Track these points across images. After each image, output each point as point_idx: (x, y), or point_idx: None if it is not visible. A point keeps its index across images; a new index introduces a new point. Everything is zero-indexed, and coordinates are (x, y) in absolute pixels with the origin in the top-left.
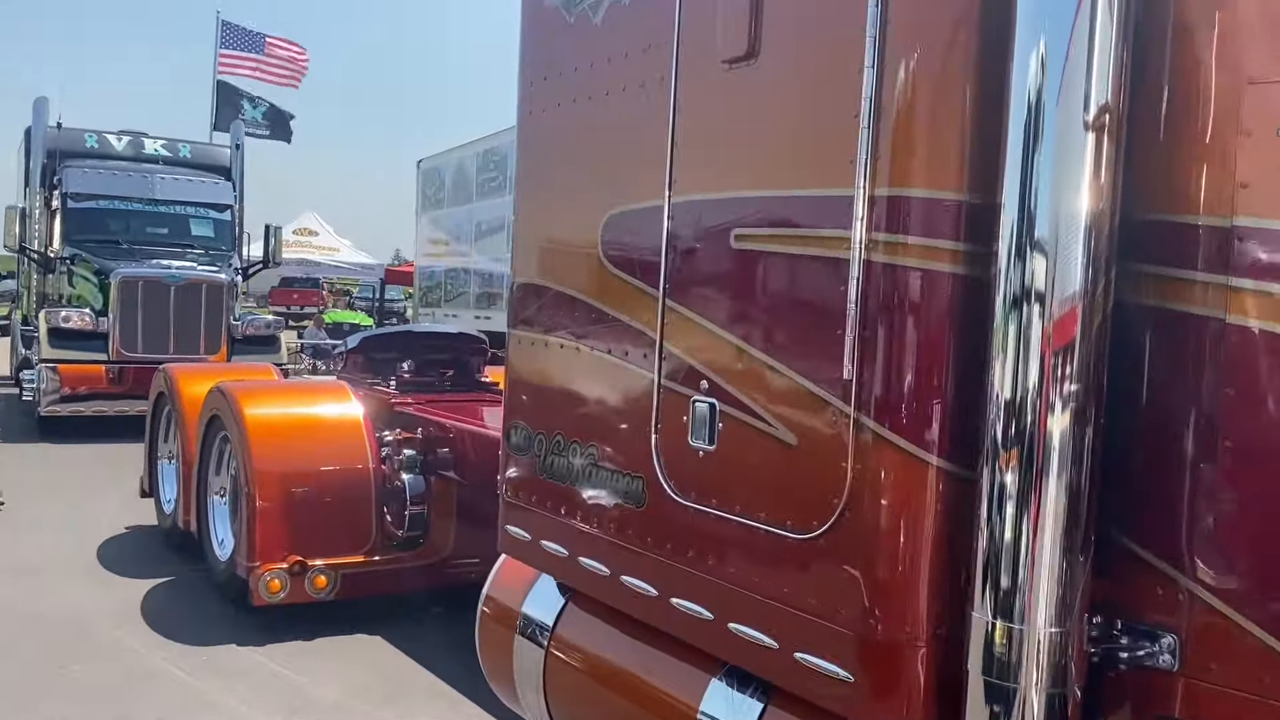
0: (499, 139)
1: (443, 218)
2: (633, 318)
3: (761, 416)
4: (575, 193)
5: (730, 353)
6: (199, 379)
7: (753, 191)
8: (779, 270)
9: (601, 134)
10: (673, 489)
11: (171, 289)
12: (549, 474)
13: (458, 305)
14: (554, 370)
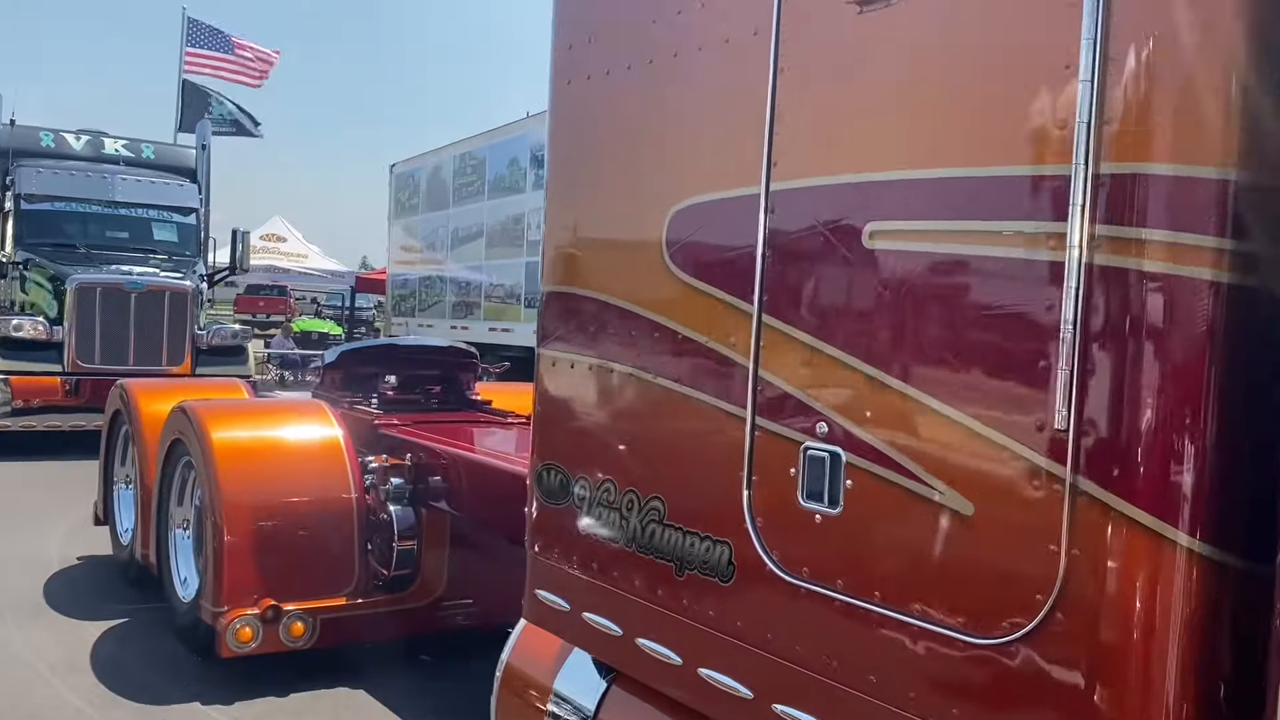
0: (476, 143)
1: (417, 224)
2: (712, 337)
3: (915, 474)
4: (630, 180)
5: (863, 387)
6: (160, 396)
7: (899, 173)
8: (944, 278)
9: (668, 106)
10: (775, 561)
11: (132, 296)
12: (595, 530)
13: (432, 315)
14: (600, 400)
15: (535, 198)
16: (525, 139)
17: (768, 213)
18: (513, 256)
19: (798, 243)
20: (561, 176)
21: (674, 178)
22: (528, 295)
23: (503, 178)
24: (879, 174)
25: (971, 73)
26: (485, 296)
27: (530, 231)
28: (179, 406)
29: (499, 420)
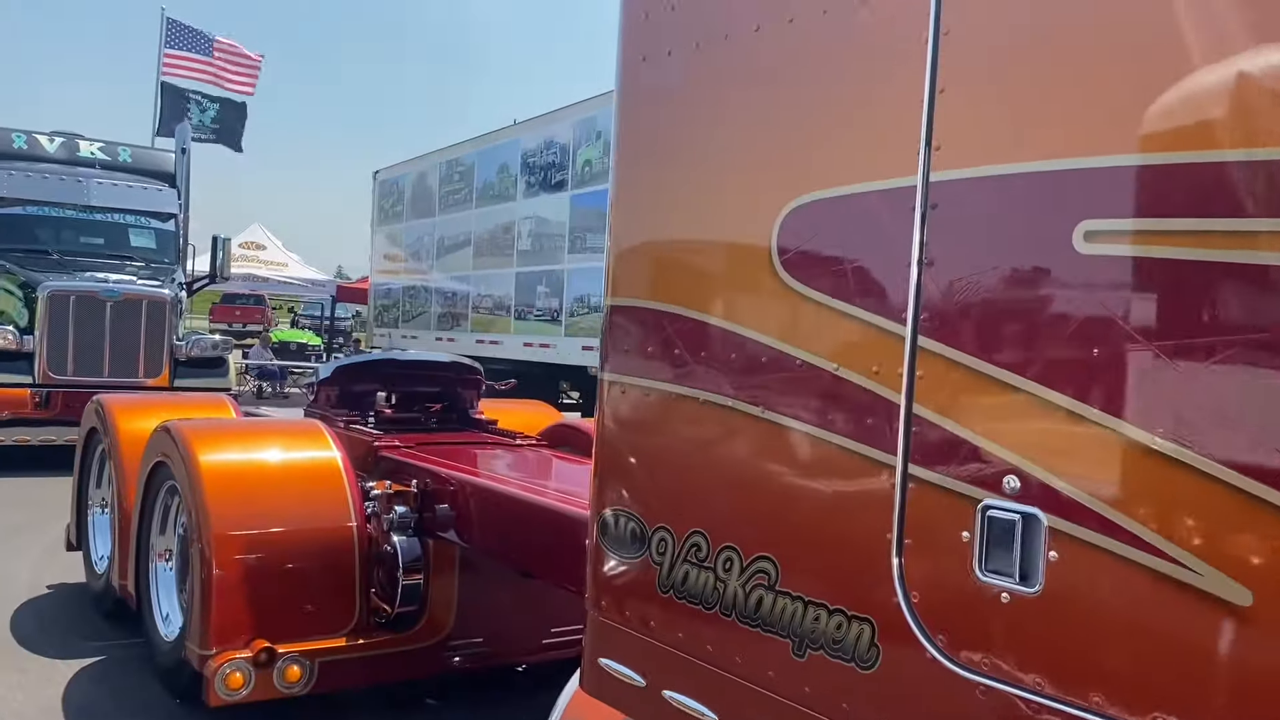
0: (464, 149)
1: (401, 232)
2: (844, 365)
3: (1159, 549)
4: (729, 173)
5: (1078, 432)
6: (141, 414)
7: (1131, 157)
8: (1202, 293)
9: (781, 82)
10: (939, 648)
11: (107, 305)
12: (681, 592)
13: (417, 325)
14: (687, 437)
15: (526, 206)
16: (516, 145)
17: (926, 209)
18: (502, 266)
19: (971, 247)
20: (635, 169)
21: (789, 168)
22: (518, 306)
23: (492, 185)
24: (1099, 159)
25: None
26: (473, 307)
27: (521, 241)
28: (162, 426)
29: (507, 442)
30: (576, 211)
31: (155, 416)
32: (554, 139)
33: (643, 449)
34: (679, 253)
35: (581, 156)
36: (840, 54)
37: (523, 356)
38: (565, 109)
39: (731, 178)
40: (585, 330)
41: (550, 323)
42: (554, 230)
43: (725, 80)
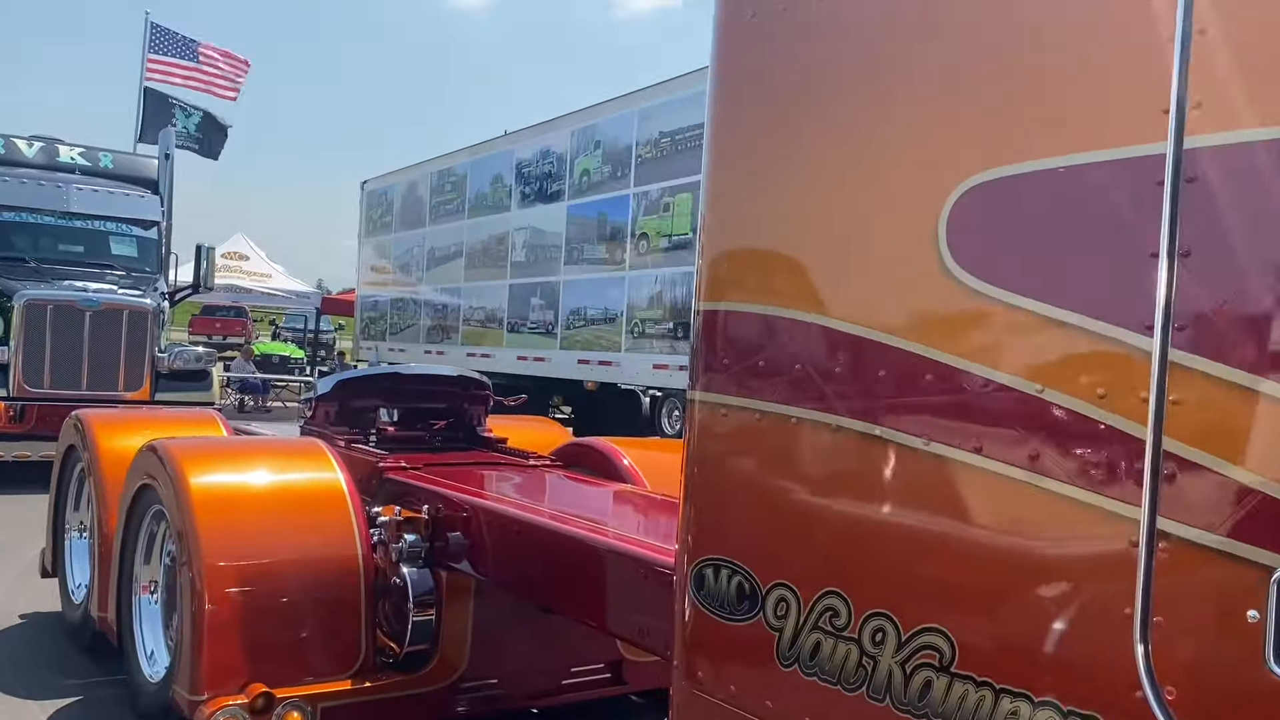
0: (456, 159)
1: (389, 243)
2: (1053, 385)
3: None
4: (872, 146)
5: None
6: (123, 430)
7: None
8: None
9: (949, 31)
10: None
11: (87, 315)
12: (810, 666)
13: (405, 339)
14: (817, 475)
15: (520, 216)
16: (510, 155)
17: (1180, 184)
18: (495, 278)
19: (1248, 233)
20: (739, 146)
21: (964, 138)
22: (510, 319)
23: (485, 195)
24: None
25: None
26: (464, 320)
27: (515, 252)
28: (148, 445)
29: (519, 462)
30: (573, 222)
31: (140, 434)
32: (550, 148)
33: (753, 488)
34: (799, 246)
35: (579, 166)
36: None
37: (516, 370)
38: (563, 118)
39: (879, 152)
40: (581, 343)
41: (545, 335)
42: (549, 241)
43: (860, 36)
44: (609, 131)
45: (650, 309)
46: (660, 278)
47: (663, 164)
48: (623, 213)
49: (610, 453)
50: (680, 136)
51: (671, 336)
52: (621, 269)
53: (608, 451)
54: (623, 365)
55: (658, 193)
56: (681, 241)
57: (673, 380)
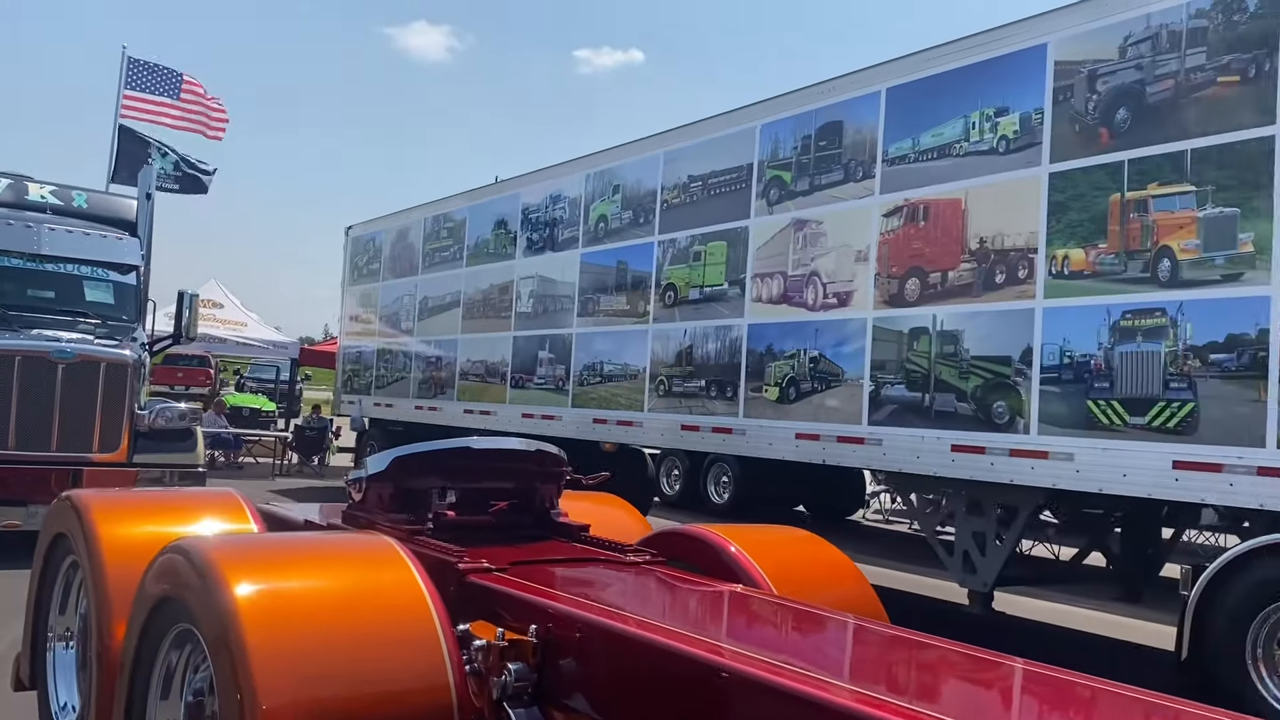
0: (453, 203)
1: (376, 291)
2: None
3: None
4: None
5: None
6: (131, 518)
7: None
8: None
9: None
10: None
11: (59, 368)
12: None
13: (393, 393)
14: None
15: (527, 264)
16: (516, 199)
17: None
18: (497, 330)
19: None
20: None
21: None
22: (515, 373)
23: (485, 242)
24: None
25: None
26: (460, 374)
27: (520, 302)
28: (175, 548)
29: (616, 558)
30: (587, 271)
31: (151, 521)
32: (562, 193)
33: None
34: None
35: (595, 212)
36: None
37: (520, 428)
38: (577, 160)
39: None
40: (596, 401)
41: (554, 392)
42: (561, 291)
43: None
44: (630, 175)
45: (678, 365)
46: (691, 332)
47: (692, 210)
48: (646, 261)
49: (715, 543)
50: (713, 181)
51: (704, 395)
52: (644, 321)
53: (713, 541)
54: (646, 426)
55: (686, 240)
56: (715, 293)
57: (704, 442)
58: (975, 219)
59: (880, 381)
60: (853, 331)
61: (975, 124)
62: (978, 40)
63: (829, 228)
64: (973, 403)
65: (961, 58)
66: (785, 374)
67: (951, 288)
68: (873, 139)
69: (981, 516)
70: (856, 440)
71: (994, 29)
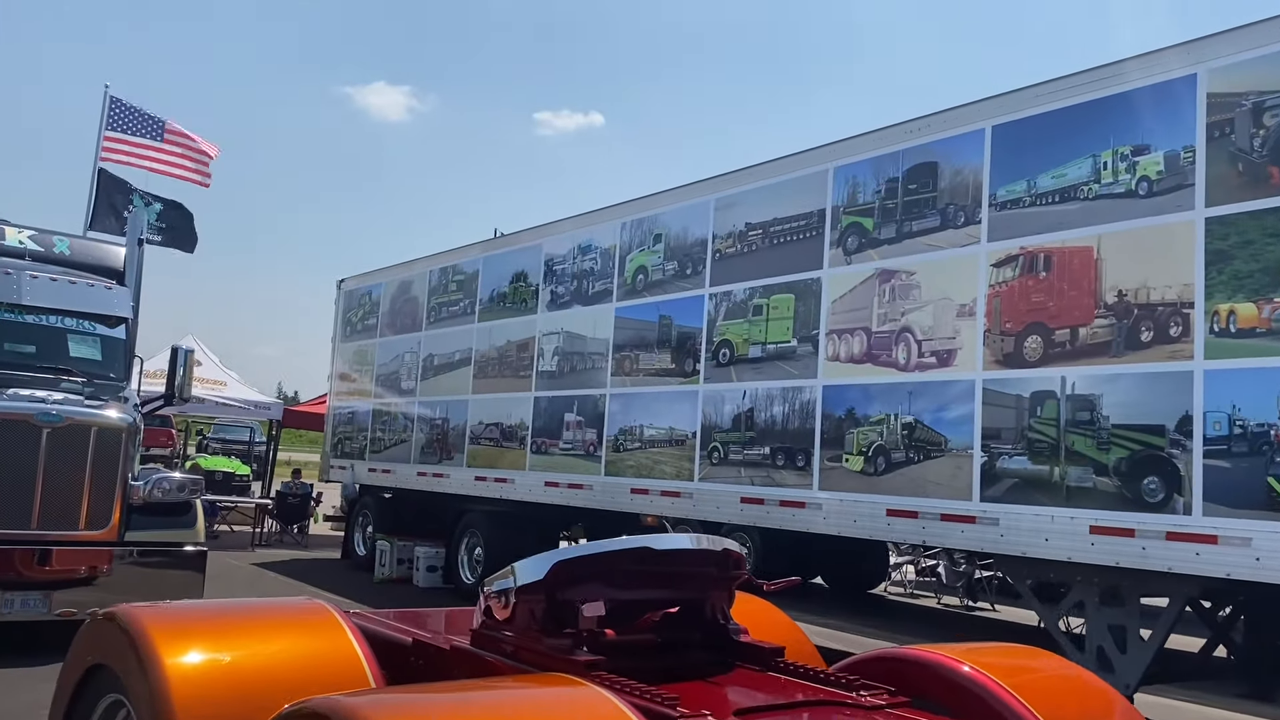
0: (463, 255)
1: (372, 349)
2: None
3: None
4: None
5: None
6: (203, 643)
7: None
8: None
9: None
10: None
11: (44, 433)
12: None
13: (391, 457)
14: None
15: (551, 319)
16: (538, 250)
17: None
18: (515, 389)
19: None
20: None
21: None
22: (536, 437)
23: (502, 296)
24: None
25: None
26: (471, 437)
27: (543, 360)
28: (310, 710)
29: (845, 698)
30: (624, 327)
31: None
32: (593, 243)
33: None
34: None
35: (633, 263)
36: None
37: (542, 498)
38: (610, 208)
39: None
40: (634, 469)
41: (584, 458)
42: (592, 349)
43: None
44: (674, 223)
45: (736, 430)
46: (751, 393)
47: (750, 260)
48: (695, 316)
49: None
50: (776, 229)
51: (768, 464)
52: (693, 381)
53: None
54: (696, 497)
55: (744, 293)
56: (781, 351)
57: (770, 518)
58: (1111, 269)
59: (995, 452)
60: (958, 394)
61: (1107, 164)
62: (1105, 73)
63: (923, 279)
64: (1116, 478)
65: (1086, 92)
66: (871, 442)
67: (1084, 346)
68: (976, 181)
69: (1121, 608)
70: (966, 519)
71: (1124, 60)
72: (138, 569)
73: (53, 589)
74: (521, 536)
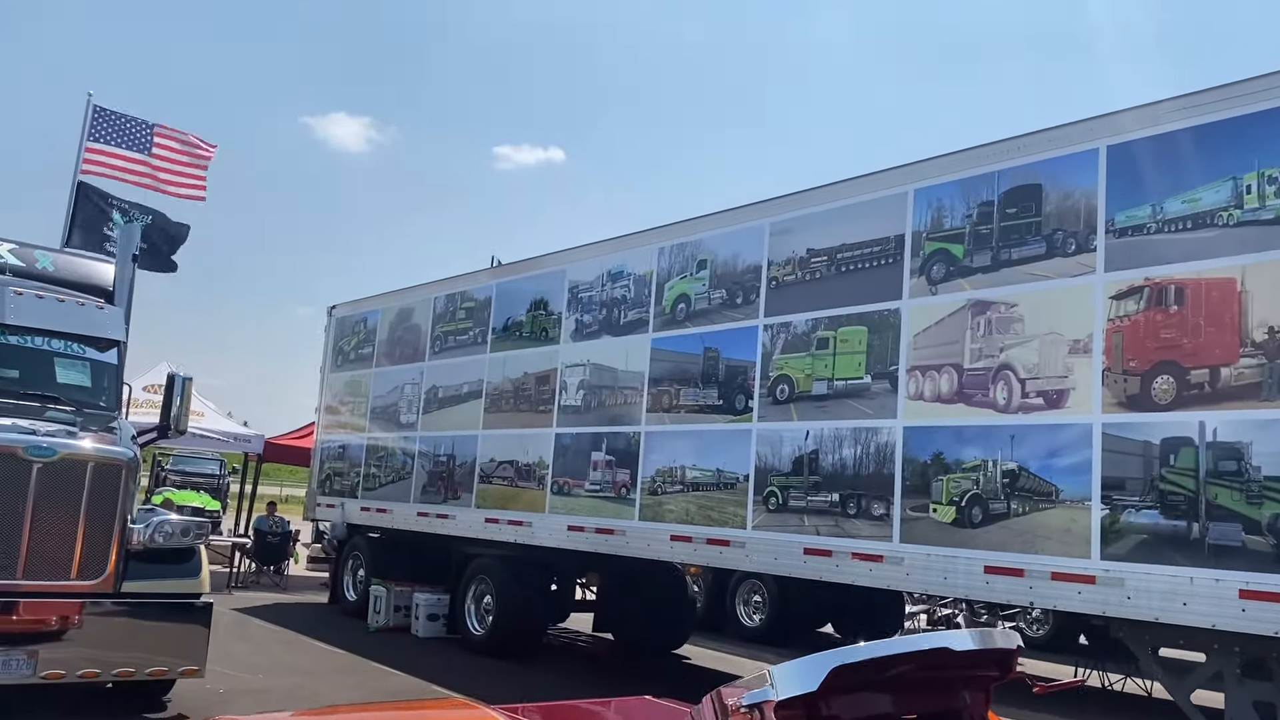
0: (472, 281)
1: (366, 379)
2: None
3: None
4: None
5: None
6: None
7: None
8: None
9: None
10: None
11: (34, 468)
12: None
13: (388, 495)
14: None
15: (576, 350)
16: (562, 276)
17: None
18: (534, 425)
19: None
20: None
21: None
22: (558, 476)
23: (519, 324)
24: None
25: None
26: (481, 476)
27: (566, 394)
28: None
29: None
30: (661, 359)
31: None
32: (625, 269)
33: None
34: None
35: (672, 291)
36: None
37: (563, 543)
38: (645, 232)
39: None
40: (675, 515)
41: (614, 501)
42: (624, 382)
43: None
44: (722, 248)
45: (797, 474)
46: (816, 434)
47: (813, 289)
48: (747, 349)
49: None
50: (845, 255)
51: (837, 512)
52: (745, 420)
53: None
54: (750, 546)
55: (806, 324)
56: (851, 388)
57: (840, 572)
58: (1259, 303)
59: (1118, 504)
60: (1071, 440)
61: (1251, 187)
62: (1244, 89)
63: (1026, 311)
64: (1271, 535)
65: (1221, 110)
66: (965, 490)
67: (1227, 389)
68: (1089, 205)
69: (1269, 682)
70: (1083, 579)
71: (1272, 74)
72: (134, 623)
73: (36, 644)
74: (536, 584)
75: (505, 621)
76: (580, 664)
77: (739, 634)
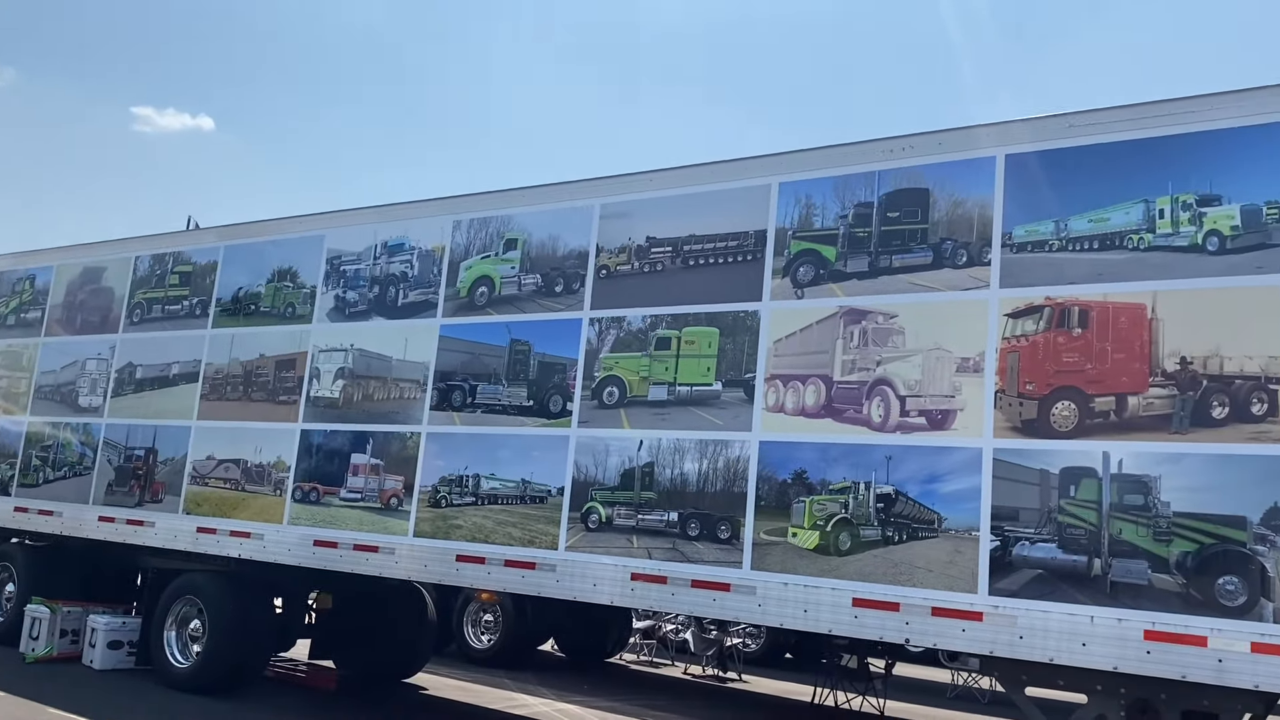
0: (196, 239)
1: (33, 350)
2: None
3: None
4: None
5: None
6: None
7: None
8: None
9: None
10: None
11: None
12: None
13: (57, 493)
14: None
15: (334, 333)
16: (319, 241)
17: None
18: (272, 418)
19: None
20: None
21: None
22: (300, 480)
23: (255, 298)
24: None
25: None
26: (194, 476)
27: (318, 383)
28: None
29: None
30: (452, 349)
31: None
32: (408, 240)
33: None
34: None
35: (469, 271)
36: None
37: (308, 561)
38: (435, 201)
39: None
40: (465, 530)
41: (381, 513)
42: (401, 374)
43: None
44: (538, 228)
45: (626, 489)
46: (652, 444)
47: (653, 282)
48: (566, 344)
49: None
50: (694, 248)
51: (675, 533)
52: (562, 424)
53: None
54: (562, 570)
55: (643, 321)
56: (697, 395)
57: (676, 601)
58: (1172, 332)
59: (1010, 536)
60: (958, 464)
61: (1164, 212)
62: (1157, 110)
63: (908, 323)
64: (1180, 574)
65: (1132, 129)
66: (831, 514)
67: (1135, 419)
68: (984, 215)
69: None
70: (969, 615)
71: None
72: None
73: None
74: (260, 605)
75: (220, 653)
76: (304, 701)
77: (466, 655)
